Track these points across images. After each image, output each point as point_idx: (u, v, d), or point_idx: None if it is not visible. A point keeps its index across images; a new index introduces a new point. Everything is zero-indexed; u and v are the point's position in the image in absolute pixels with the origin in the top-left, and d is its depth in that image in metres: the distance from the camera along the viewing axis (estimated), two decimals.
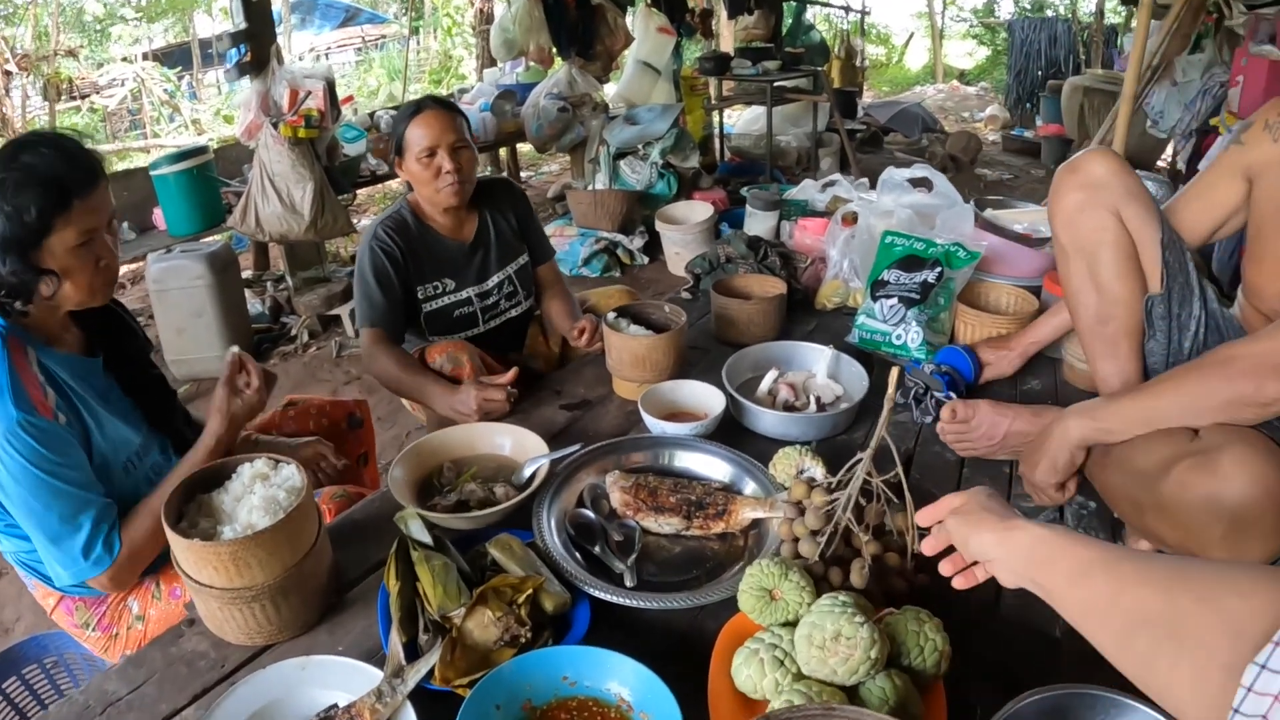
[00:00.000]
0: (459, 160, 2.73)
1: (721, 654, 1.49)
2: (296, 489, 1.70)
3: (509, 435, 2.20)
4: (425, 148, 2.71)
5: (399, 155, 2.80)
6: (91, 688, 1.62)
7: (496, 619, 1.52)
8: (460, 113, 2.85)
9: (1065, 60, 13.58)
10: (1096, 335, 1.99)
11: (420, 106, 2.79)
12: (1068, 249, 2.02)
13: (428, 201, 2.85)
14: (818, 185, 4.21)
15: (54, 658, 2.20)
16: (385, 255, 2.74)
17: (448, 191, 2.74)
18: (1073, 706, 1.28)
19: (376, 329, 2.72)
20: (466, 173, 2.77)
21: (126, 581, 1.95)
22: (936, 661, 1.39)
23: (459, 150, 2.74)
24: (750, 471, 2.04)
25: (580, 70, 7.66)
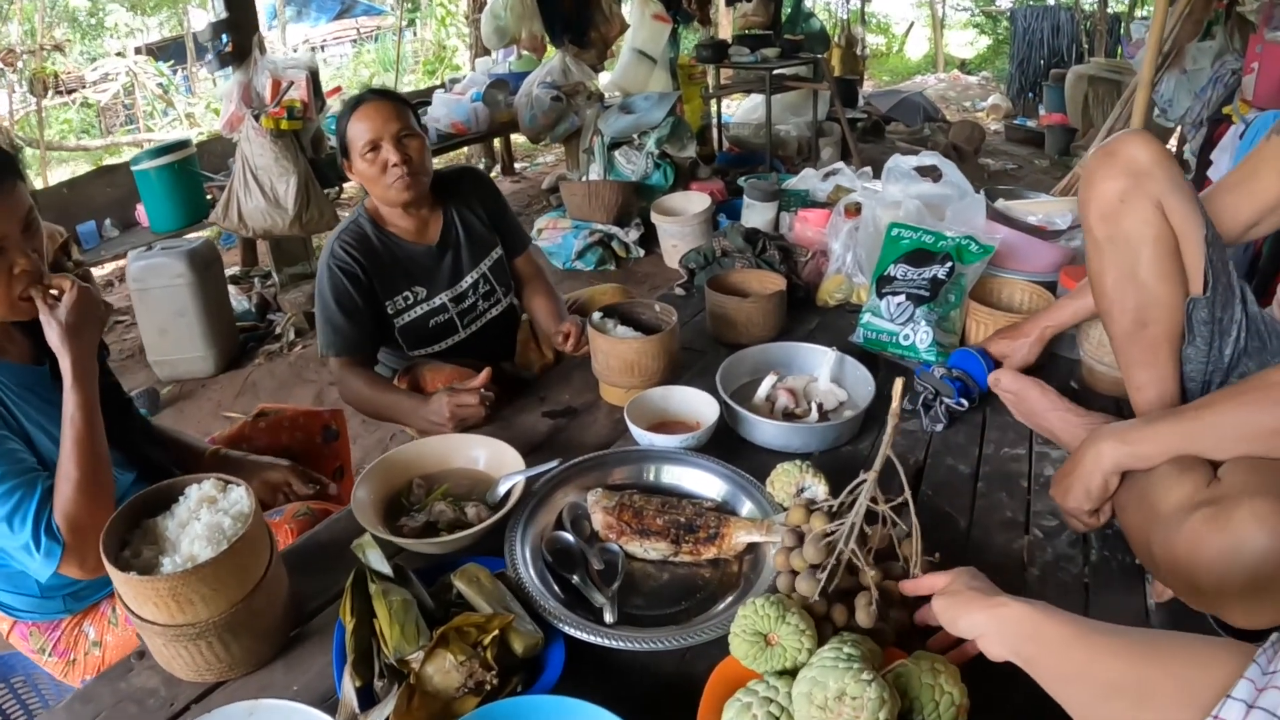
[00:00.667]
0: (406, 150, 2.54)
1: (710, 704, 1.33)
2: (244, 515, 1.56)
3: (484, 448, 2.05)
4: (368, 142, 2.52)
5: (345, 158, 2.63)
6: None
7: (459, 663, 1.36)
8: (405, 101, 2.67)
9: (1068, 49, 13.50)
10: (1134, 339, 1.80)
11: (359, 100, 2.61)
12: (1104, 244, 1.81)
13: (382, 201, 2.66)
14: (819, 175, 4.05)
15: (22, 677, 2.12)
16: (345, 275, 2.56)
17: (398, 186, 2.55)
18: None
19: (343, 358, 2.59)
20: (417, 163, 2.57)
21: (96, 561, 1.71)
22: (953, 717, 1.23)
23: (405, 139, 2.55)
24: (746, 489, 1.87)
25: (574, 58, 7.56)
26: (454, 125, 7.35)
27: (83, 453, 1.75)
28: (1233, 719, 0.84)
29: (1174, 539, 1.42)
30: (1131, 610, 1.60)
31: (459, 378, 2.51)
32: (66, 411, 1.78)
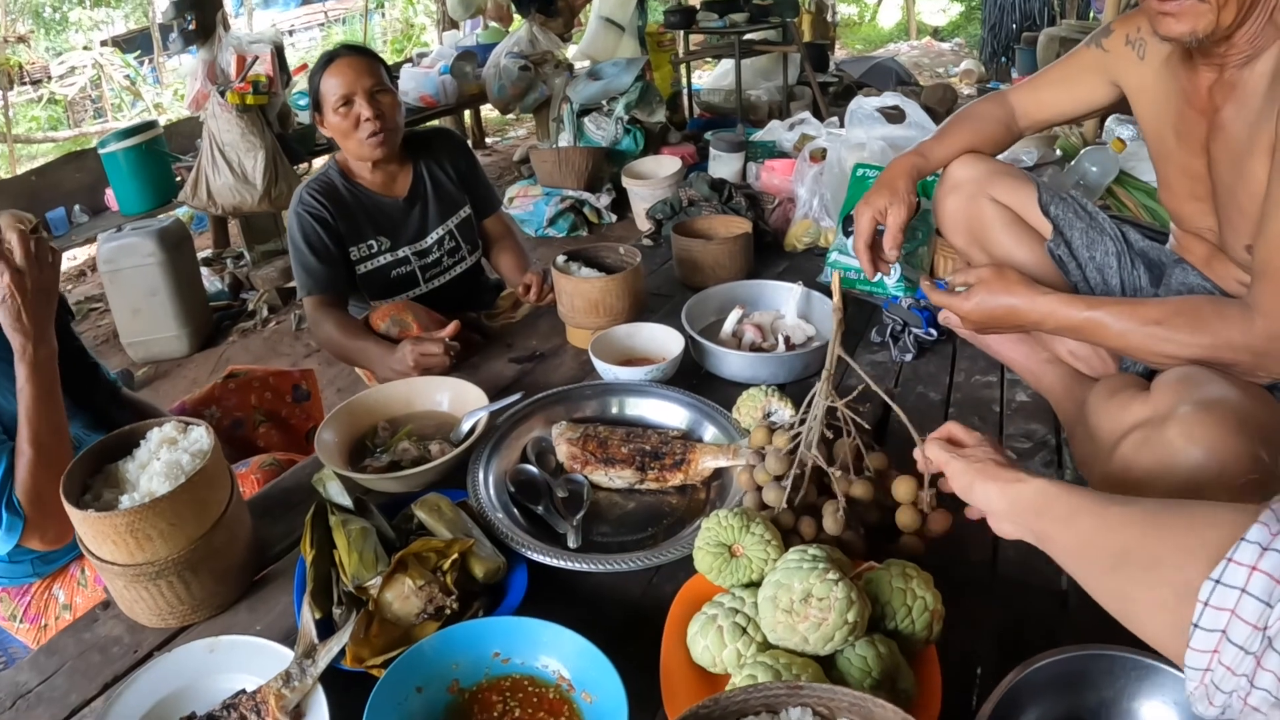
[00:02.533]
0: (379, 105, 2.57)
1: (676, 622, 1.32)
2: (203, 452, 1.55)
3: (447, 390, 2.04)
4: (341, 96, 2.54)
5: (318, 112, 2.64)
6: (4, 679, 1.54)
7: (418, 588, 1.36)
8: (377, 58, 2.69)
9: (1040, 12, 13.48)
10: None
11: (333, 56, 2.63)
12: (966, 249, 2.12)
13: (353, 156, 2.68)
14: (785, 126, 4.05)
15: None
16: (314, 218, 2.58)
17: (371, 142, 2.57)
18: (1089, 670, 1.15)
19: (316, 296, 2.57)
20: (389, 119, 2.60)
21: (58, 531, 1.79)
22: (927, 623, 1.22)
23: (378, 95, 2.58)
24: (711, 416, 1.87)
25: (541, 28, 7.52)
26: (422, 98, 7.30)
27: (38, 424, 1.70)
28: (1247, 560, 0.82)
29: (1111, 464, 1.50)
30: None
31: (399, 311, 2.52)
32: (18, 382, 1.73)
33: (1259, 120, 1.52)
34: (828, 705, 0.93)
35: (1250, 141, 1.54)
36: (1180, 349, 1.51)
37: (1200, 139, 1.69)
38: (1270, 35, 1.52)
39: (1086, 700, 1.15)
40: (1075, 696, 1.15)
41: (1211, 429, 1.33)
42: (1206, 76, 1.65)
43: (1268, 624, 0.79)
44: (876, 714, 0.91)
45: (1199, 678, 0.85)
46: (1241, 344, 1.46)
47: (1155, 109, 1.82)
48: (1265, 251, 1.45)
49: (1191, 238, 1.85)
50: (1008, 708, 1.10)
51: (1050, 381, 2.00)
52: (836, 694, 0.91)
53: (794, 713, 0.91)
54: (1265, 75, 1.52)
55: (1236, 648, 0.81)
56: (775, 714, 0.92)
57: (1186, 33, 1.52)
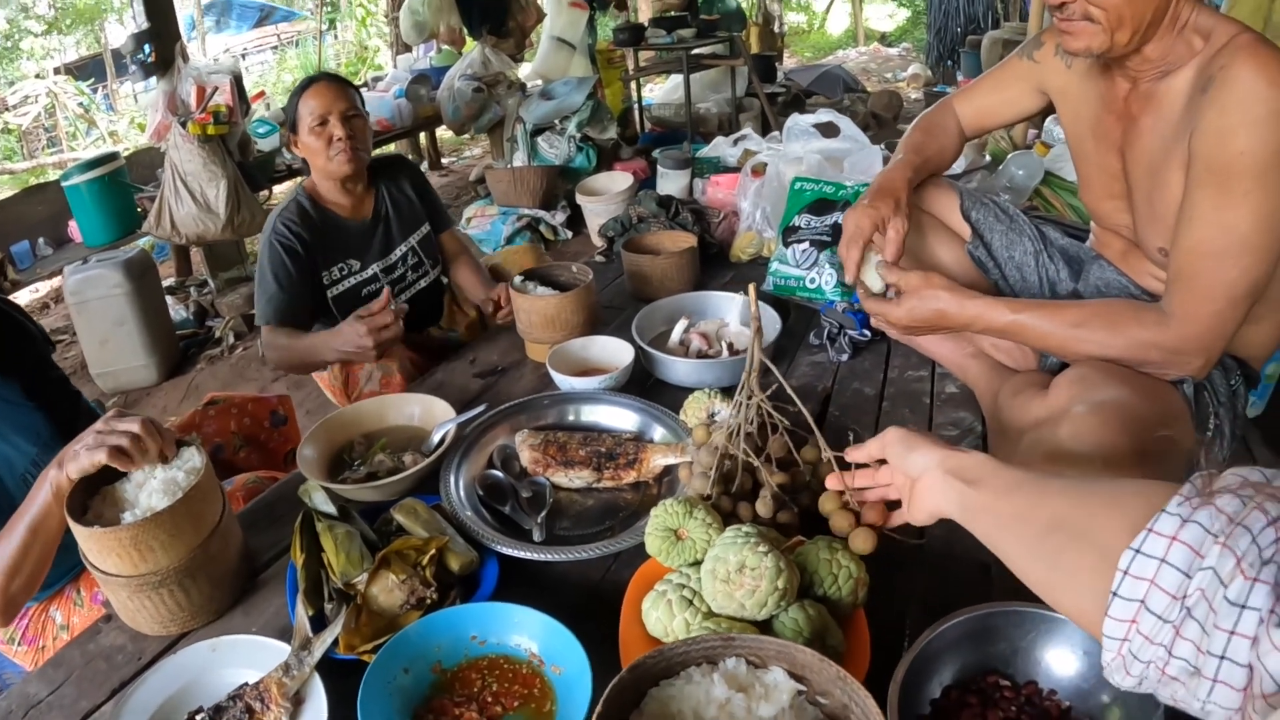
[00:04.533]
0: (351, 127, 2.74)
1: (632, 600, 1.48)
2: (196, 469, 1.66)
3: (418, 404, 2.18)
4: (317, 116, 2.71)
5: (294, 132, 2.79)
6: (14, 692, 1.61)
7: (400, 581, 1.50)
8: (351, 85, 2.85)
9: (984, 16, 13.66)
10: None
11: (310, 81, 2.79)
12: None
13: (323, 174, 2.82)
14: (729, 141, 4.21)
15: None
16: (285, 250, 2.71)
17: (341, 159, 2.73)
18: (1000, 624, 1.28)
19: (273, 324, 2.70)
20: (360, 139, 2.77)
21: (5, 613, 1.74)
22: (853, 589, 1.37)
23: (351, 118, 2.75)
24: (660, 419, 2.02)
25: (494, 49, 7.62)
26: (379, 122, 7.38)
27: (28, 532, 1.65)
28: (1167, 531, 0.83)
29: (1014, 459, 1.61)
30: None
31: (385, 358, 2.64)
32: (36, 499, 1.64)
33: (1175, 136, 1.64)
34: (758, 654, 1.08)
35: (1166, 154, 1.66)
36: (1098, 349, 1.66)
37: (1116, 142, 1.82)
38: (1184, 53, 1.63)
39: (1000, 650, 1.28)
40: (989, 647, 1.28)
41: (1098, 429, 1.51)
42: (1123, 86, 1.78)
43: (1186, 593, 0.80)
44: (799, 658, 1.07)
45: (1116, 647, 0.86)
46: (1155, 345, 1.61)
47: (1076, 113, 1.95)
48: (1179, 261, 1.59)
49: (1109, 234, 2.00)
50: (927, 659, 1.23)
51: (975, 374, 2.15)
52: (764, 643, 1.07)
53: (730, 662, 1.07)
54: (1181, 93, 1.63)
55: (1155, 617, 0.82)
56: (714, 664, 1.08)
57: (1083, 49, 1.65)
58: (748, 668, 1.07)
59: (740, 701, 1.02)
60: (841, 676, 1.03)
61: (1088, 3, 1.57)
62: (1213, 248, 1.54)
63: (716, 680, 1.04)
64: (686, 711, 1.02)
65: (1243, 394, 1.80)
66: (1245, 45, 1.52)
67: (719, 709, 1.01)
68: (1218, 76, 1.53)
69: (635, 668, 1.04)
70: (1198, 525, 0.81)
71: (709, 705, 1.01)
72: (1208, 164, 1.53)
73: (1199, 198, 1.55)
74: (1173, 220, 1.63)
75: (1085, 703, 1.23)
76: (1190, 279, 1.58)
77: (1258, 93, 1.47)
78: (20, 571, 1.66)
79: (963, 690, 1.25)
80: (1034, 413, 1.69)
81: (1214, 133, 1.52)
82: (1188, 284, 1.58)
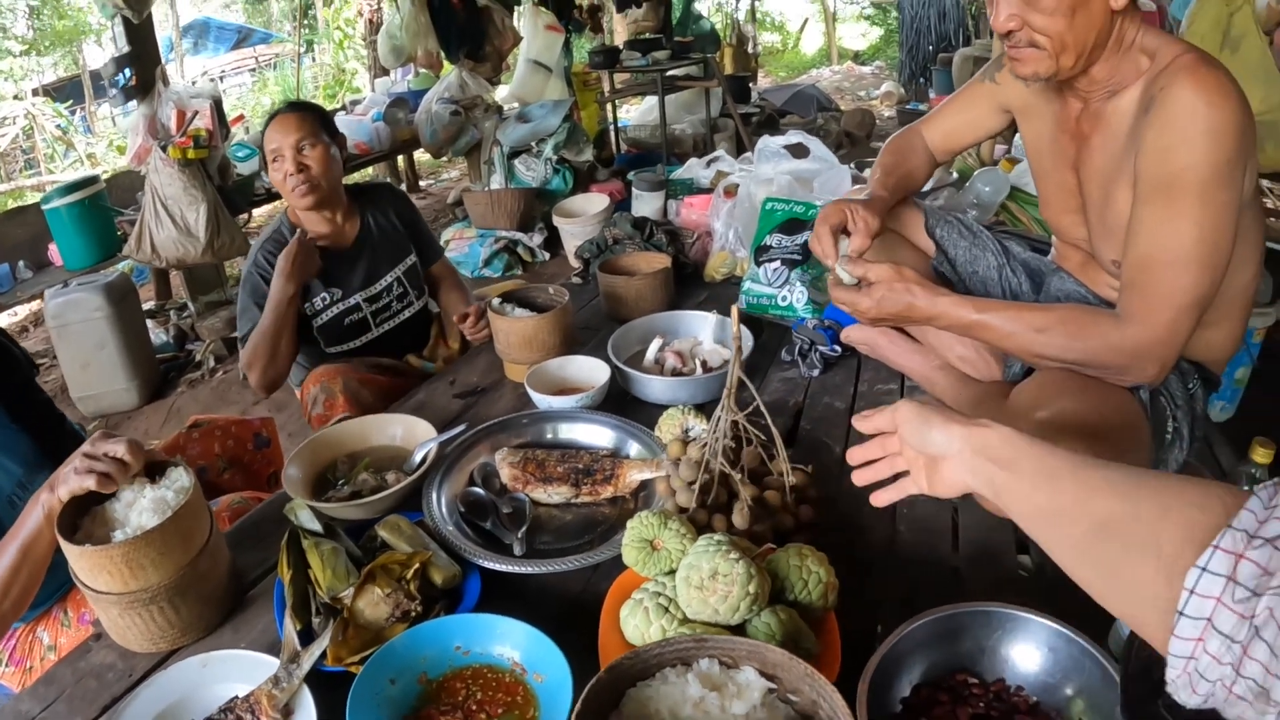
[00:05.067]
0: (305, 158, 2.74)
1: (610, 609, 1.53)
2: (185, 488, 1.70)
3: (400, 425, 2.22)
4: (273, 150, 2.75)
5: (265, 168, 2.86)
6: (6, 710, 1.63)
7: (386, 595, 1.55)
8: (316, 111, 2.88)
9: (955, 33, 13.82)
10: None
11: (275, 113, 2.82)
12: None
13: (290, 205, 2.86)
14: (702, 163, 4.30)
15: None
16: (265, 280, 2.77)
17: (296, 193, 2.75)
18: (968, 625, 1.35)
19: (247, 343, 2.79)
20: (317, 170, 2.76)
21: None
22: (822, 594, 1.43)
23: (305, 149, 2.74)
24: (636, 435, 2.08)
25: (471, 73, 7.69)
26: (357, 146, 7.43)
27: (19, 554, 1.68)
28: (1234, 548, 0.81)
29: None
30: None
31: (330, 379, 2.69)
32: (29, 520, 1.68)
33: (1123, 153, 1.72)
34: (730, 655, 1.14)
35: (1116, 171, 1.74)
36: (1058, 351, 1.72)
37: (1070, 159, 1.90)
38: (1130, 73, 1.71)
39: (967, 649, 1.35)
40: (957, 646, 1.34)
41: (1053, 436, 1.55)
42: (1075, 105, 1.85)
43: (1255, 613, 0.78)
44: (769, 657, 1.13)
45: (1182, 665, 0.84)
46: (1113, 349, 1.67)
47: (1035, 131, 2.03)
48: (1130, 273, 1.67)
49: (1068, 247, 2.08)
50: (896, 658, 1.29)
51: (941, 386, 2.23)
52: (736, 644, 1.13)
53: (703, 663, 1.13)
54: (1128, 112, 1.71)
55: (1223, 636, 0.80)
56: (688, 665, 1.14)
57: (1030, 74, 1.73)
58: (720, 668, 1.13)
59: (714, 700, 1.08)
60: (809, 674, 1.09)
61: (1033, 30, 1.64)
62: (1161, 259, 1.61)
63: (691, 680, 1.10)
64: (663, 710, 1.08)
65: (1201, 397, 1.88)
66: (1186, 65, 1.59)
67: (694, 707, 1.07)
68: (1159, 97, 1.60)
69: (613, 668, 1.09)
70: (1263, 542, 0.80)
71: (684, 704, 1.07)
72: (1152, 180, 1.60)
73: (1146, 212, 1.62)
74: (1124, 233, 1.70)
75: (1051, 697, 1.29)
76: (1142, 289, 1.65)
77: (1196, 111, 1.54)
78: (10, 593, 1.68)
79: (933, 688, 1.31)
80: None
81: (1156, 150, 1.59)
82: (1140, 294, 1.65)
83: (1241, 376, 3.47)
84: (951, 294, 1.84)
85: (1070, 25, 1.63)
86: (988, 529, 1.78)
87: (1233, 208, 1.58)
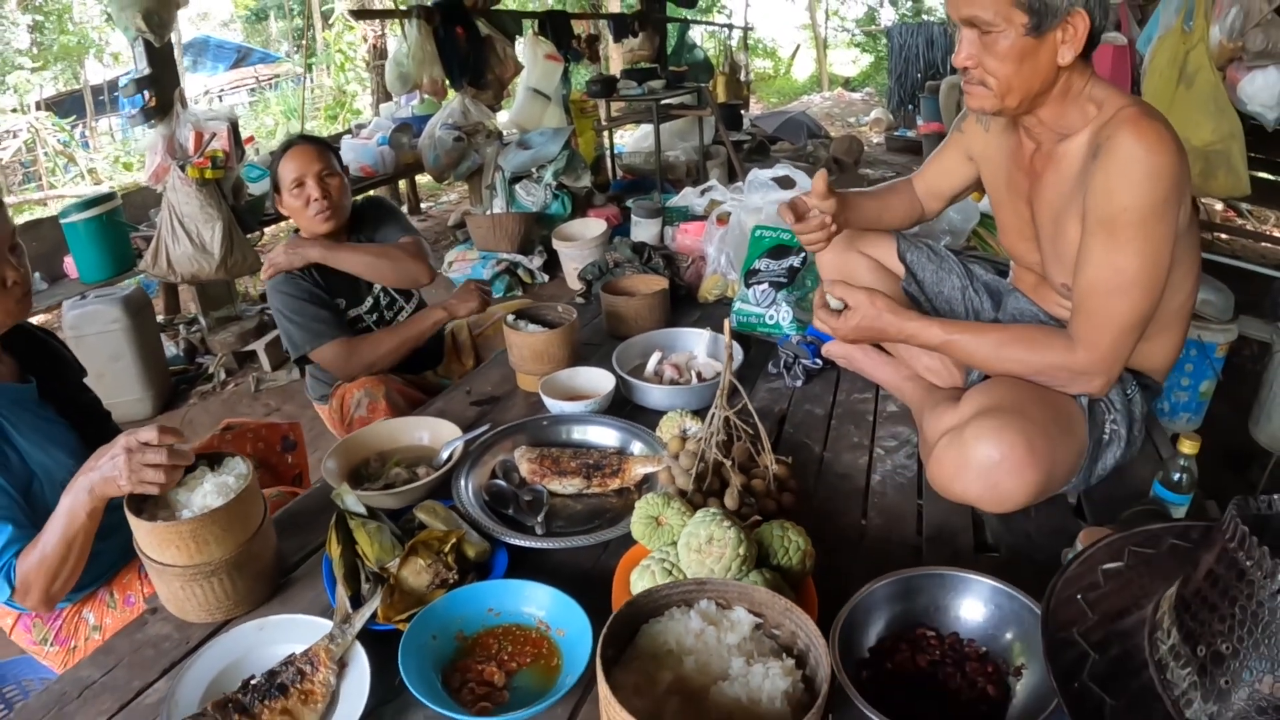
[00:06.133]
0: (326, 187, 2.97)
1: (621, 576, 1.77)
2: (244, 475, 1.89)
3: (427, 428, 2.44)
4: (294, 179, 2.95)
5: (277, 193, 3.03)
6: (67, 677, 1.73)
7: (427, 565, 1.77)
8: (329, 146, 3.08)
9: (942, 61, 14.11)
10: None
11: (289, 144, 3.03)
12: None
13: (305, 230, 3.06)
14: (697, 192, 4.55)
15: (13, 686, 2.23)
16: (302, 278, 2.98)
17: (319, 218, 2.97)
18: (924, 585, 1.61)
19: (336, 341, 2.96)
20: (336, 199, 2.99)
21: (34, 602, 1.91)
22: (801, 559, 1.66)
23: (326, 178, 2.97)
24: (639, 436, 2.33)
25: (473, 100, 7.89)
26: (362, 169, 7.66)
27: (64, 544, 1.81)
28: None
29: (929, 461, 1.99)
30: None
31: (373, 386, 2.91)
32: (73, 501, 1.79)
33: (1072, 192, 1.94)
34: (724, 596, 1.38)
35: (1066, 206, 1.97)
36: (1017, 365, 1.99)
37: (1025, 193, 2.13)
38: (1078, 119, 1.93)
39: (924, 606, 1.60)
40: (915, 603, 1.60)
41: (994, 430, 1.83)
42: (1029, 146, 2.09)
43: None
44: (756, 597, 1.37)
45: None
46: (1063, 367, 1.93)
47: (993, 167, 2.26)
48: (1078, 297, 1.91)
49: (1024, 270, 2.32)
50: (864, 611, 1.55)
51: (910, 394, 2.47)
52: (729, 586, 1.38)
53: (703, 603, 1.37)
54: (1077, 155, 1.93)
55: None
56: (690, 605, 1.38)
57: (977, 108, 1.97)
58: (716, 608, 1.38)
59: (712, 632, 1.32)
60: (789, 608, 1.33)
61: (985, 71, 1.88)
62: (1105, 286, 1.85)
63: (693, 616, 1.34)
64: (670, 640, 1.32)
65: (1140, 401, 2.09)
66: (1129, 117, 1.81)
67: (695, 638, 1.31)
68: (1104, 145, 1.82)
69: (630, 604, 1.33)
70: None
71: (688, 635, 1.31)
72: (1098, 217, 1.83)
73: (1092, 244, 1.85)
74: (1072, 261, 1.93)
75: (995, 645, 1.54)
76: (1090, 313, 1.88)
77: (1136, 157, 1.76)
78: (58, 576, 1.83)
79: (895, 639, 1.56)
80: (946, 422, 2.01)
81: (1102, 191, 1.81)
82: (1088, 317, 1.89)
83: (1206, 389, 3.72)
84: (921, 317, 2.09)
85: (1017, 71, 1.85)
86: (946, 513, 2.06)
87: (1169, 240, 1.81)
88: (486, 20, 8.16)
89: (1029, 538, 1.97)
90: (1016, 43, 1.81)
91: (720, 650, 1.30)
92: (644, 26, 10.63)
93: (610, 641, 1.25)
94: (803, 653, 1.31)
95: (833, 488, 2.20)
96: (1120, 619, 1.11)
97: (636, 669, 1.28)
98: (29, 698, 1.95)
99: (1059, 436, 1.91)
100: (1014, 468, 1.81)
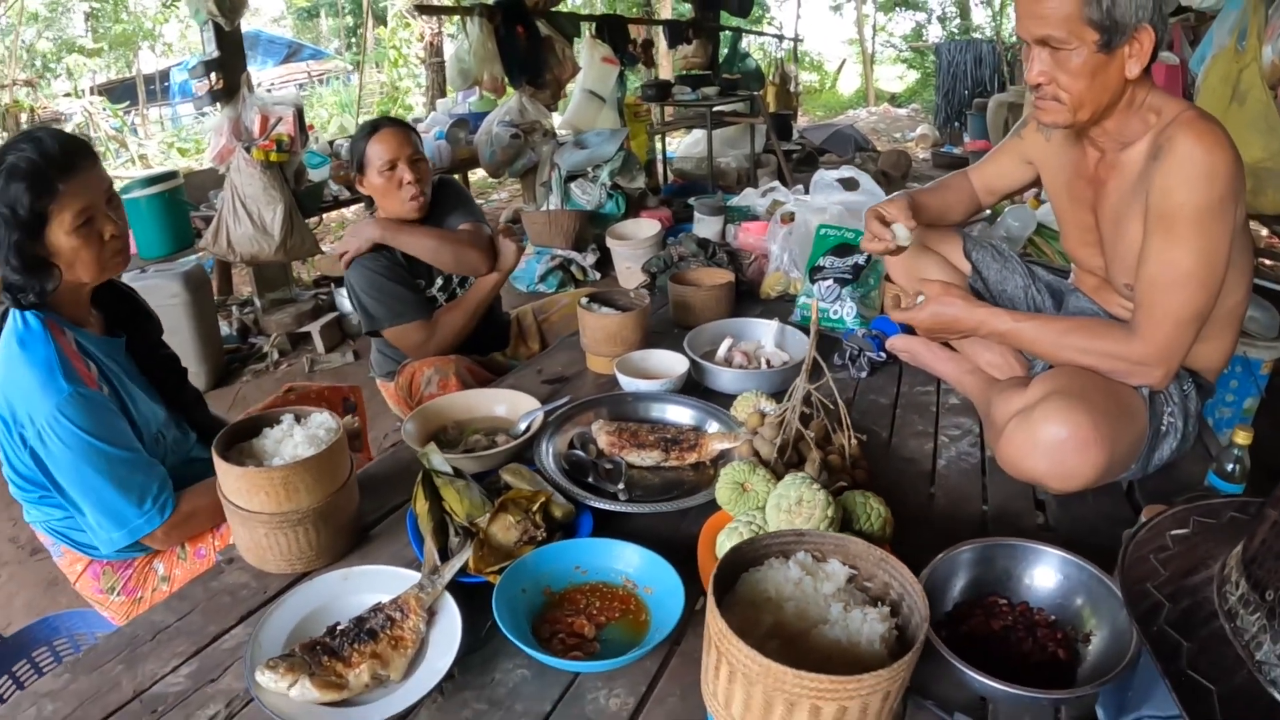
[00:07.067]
0: (418, 171, 3.03)
1: (706, 538, 1.83)
2: (333, 429, 1.97)
3: (504, 400, 2.51)
4: (386, 161, 2.99)
5: (360, 173, 3.06)
6: (138, 621, 1.76)
7: (515, 522, 1.83)
8: (414, 129, 3.13)
9: (991, 79, 14.13)
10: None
11: (377, 125, 3.07)
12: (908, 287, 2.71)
13: (393, 214, 3.11)
14: (758, 193, 4.62)
15: (65, 639, 2.25)
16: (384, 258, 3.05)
17: (412, 204, 3.04)
18: (996, 556, 1.68)
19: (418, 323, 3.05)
20: (425, 182, 3.06)
21: (176, 539, 2.13)
22: (882, 525, 1.74)
23: (417, 162, 3.03)
24: (715, 415, 2.38)
25: (530, 98, 7.97)
26: None
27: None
28: None
29: (999, 441, 2.04)
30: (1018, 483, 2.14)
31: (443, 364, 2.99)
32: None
33: (1134, 195, 2.01)
34: (820, 548, 1.44)
35: (1128, 209, 2.04)
36: (1078, 355, 2.07)
37: (1089, 201, 2.20)
38: (1139, 128, 2.00)
39: (998, 575, 1.67)
40: (988, 572, 1.67)
41: (1061, 411, 1.90)
42: (1093, 155, 2.15)
43: None
44: (851, 549, 1.43)
45: None
46: (1121, 354, 2.01)
47: (1055, 177, 2.33)
48: (1140, 292, 1.99)
49: (1085, 274, 2.38)
50: (943, 577, 1.63)
51: (971, 386, 2.55)
52: (826, 538, 1.44)
53: (800, 554, 1.42)
54: (1138, 161, 2.00)
55: None
56: (788, 556, 1.44)
57: (1050, 123, 2.04)
58: (812, 560, 1.43)
59: (809, 582, 1.37)
60: (884, 558, 1.39)
61: (1058, 87, 1.95)
62: (1163, 280, 1.92)
63: (791, 566, 1.40)
64: (769, 589, 1.37)
65: (1195, 398, 2.16)
66: (1187, 120, 1.89)
67: (794, 587, 1.36)
68: (1164, 146, 1.90)
69: (733, 551, 1.39)
70: None
71: (786, 584, 1.37)
72: (1158, 214, 1.91)
73: (1152, 240, 1.93)
74: (1134, 261, 2.01)
75: (1063, 613, 1.61)
76: (1148, 306, 1.96)
77: (1194, 157, 1.84)
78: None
79: (970, 605, 1.64)
80: (1015, 405, 2.07)
81: (1161, 190, 1.89)
82: (1147, 310, 1.97)
83: (1250, 406, 3.74)
84: (990, 306, 2.20)
85: (1089, 86, 1.92)
86: (1009, 497, 2.14)
87: (1225, 238, 1.88)
88: (546, 21, 8.25)
89: (1086, 522, 2.04)
90: (1088, 60, 1.88)
91: (817, 598, 1.35)
92: (698, 34, 10.73)
93: (719, 586, 1.31)
94: (895, 603, 1.37)
95: (899, 471, 2.27)
96: (1189, 576, 1.17)
97: (738, 613, 1.34)
98: (80, 651, 1.98)
99: (1122, 421, 1.97)
100: (1079, 446, 1.87)
